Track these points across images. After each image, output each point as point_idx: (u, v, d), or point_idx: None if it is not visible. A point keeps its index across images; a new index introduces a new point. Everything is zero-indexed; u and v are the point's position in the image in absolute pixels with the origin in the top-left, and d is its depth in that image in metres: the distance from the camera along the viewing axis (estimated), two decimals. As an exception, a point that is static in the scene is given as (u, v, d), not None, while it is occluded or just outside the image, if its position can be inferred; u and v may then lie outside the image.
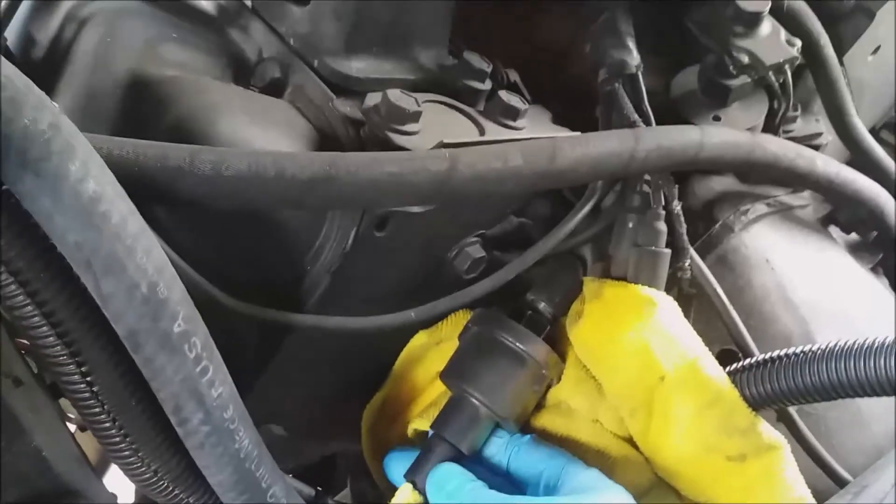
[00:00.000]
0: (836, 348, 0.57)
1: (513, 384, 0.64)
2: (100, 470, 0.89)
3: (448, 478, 0.60)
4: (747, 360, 0.62)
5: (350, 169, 0.51)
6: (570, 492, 0.58)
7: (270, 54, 0.64)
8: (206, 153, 0.48)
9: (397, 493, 0.62)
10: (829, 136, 0.87)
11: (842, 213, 0.89)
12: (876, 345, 0.55)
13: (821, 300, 0.78)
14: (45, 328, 0.43)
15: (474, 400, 0.63)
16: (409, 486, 0.62)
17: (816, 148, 0.85)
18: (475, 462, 0.63)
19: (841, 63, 0.84)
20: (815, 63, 0.81)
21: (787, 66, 0.74)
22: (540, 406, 0.67)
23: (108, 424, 0.48)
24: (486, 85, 0.67)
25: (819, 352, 0.58)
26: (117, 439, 0.49)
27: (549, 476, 0.60)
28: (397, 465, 0.66)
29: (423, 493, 0.62)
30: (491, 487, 0.59)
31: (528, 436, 0.64)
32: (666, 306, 0.64)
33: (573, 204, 0.69)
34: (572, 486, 0.58)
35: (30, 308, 0.42)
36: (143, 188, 0.46)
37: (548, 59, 0.82)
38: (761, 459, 0.60)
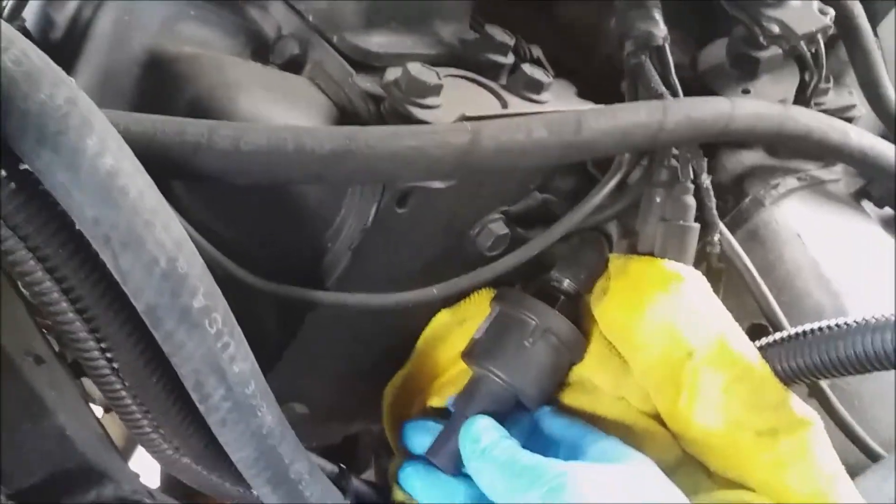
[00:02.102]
0: (871, 321, 0.55)
1: (535, 362, 0.63)
2: (126, 453, 0.91)
3: (483, 432, 0.59)
4: (778, 335, 0.61)
5: (370, 143, 0.50)
6: (595, 459, 0.57)
7: (289, 31, 0.63)
8: (225, 128, 0.47)
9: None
10: (862, 109, 0.85)
11: (875, 187, 0.86)
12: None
13: (854, 275, 0.77)
14: (63, 304, 0.43)
15: (496, 378, 0.63)
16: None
17: (849, 120, 0.83)
18: None
19: (875, 34, 0.82)
20: (849, 34, 0.79)
21: (819, 36, 0.72)
22: (563, 384, 0.66)
23: (128, 401, 0.48)
24: (509, 59, 0.66)
25: (853, 325, 0.56)
26: (138, 416, 0.49)
27: (568, 446, 0.60)
28: (414, 435, 0.66)
29: (444, 470, 0.62)
30: None
31: (549, 407, 0.64)
32: (693, 281, 0.63)
33: (598, 179, 0.68)
34: (596, 453, 0.58)
35: (48, 284, 0.42)
36: (162, 164, 0.45)
37: (573, 38, 0.81)
38: (793, 435, 0.58)
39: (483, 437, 0.59)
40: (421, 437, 0.66)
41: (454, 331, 0.70)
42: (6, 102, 0.37)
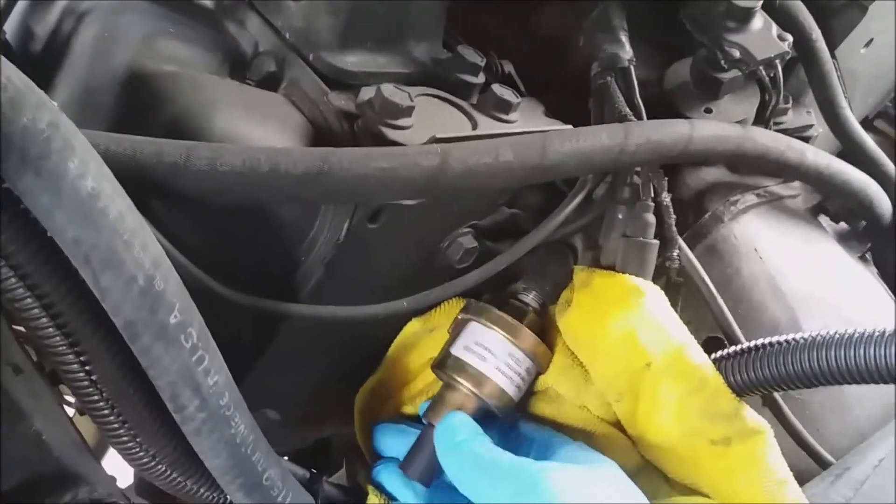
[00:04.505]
0: (819, 338, 0.58)
1: (501, 372, 0.65)
2: (99, 452, 0.92)
3: (459, 428, 0.61)
4: (732, 348, 0.63)
5: (343, 164, 0.52)
6: (564, 461, 0.59)
7: (266, 48, 0.65)
8: (202, 149, 0.49)
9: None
10: (819, 128, 0.88)
11: (831, 202, 0.90)
12: (857, 335, 0.56)
13: (809, 289, 0.79)
14: (44, 319, 0.45)
15: (464, 389, 0.65)
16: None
17: (807, 139, 0.86)
18: None
19: (833, 56, 0.85)
20: (807, 57, 0.82)
21: (777, 61, 0.75)
22: (528, 392, 0.68)
23: (106, 411, 0.49)
24: (480, 78, 0.68)
25: (802, 341, 0.59)
26: (116, 425, 0.50)
27: (538, 449, 0.62)
28: (384, 437, 0.69)
29: (419, 481, 0.63)
30: None
31: (517, 416, 0.66)
32: (652, 295, 0.65)
33: (565, 194, 0.70)
34: (564, 456, 0.60)
35: (30, 300, 0.44)
36: (141, 184, 0.47)
37: (546, 52, 0.83)
38: (745, 443, 0.61)
39: (459, 431, 0.61)
40: (391, 439, 0.68)
41: (424, 339, 0.73)
42: None
